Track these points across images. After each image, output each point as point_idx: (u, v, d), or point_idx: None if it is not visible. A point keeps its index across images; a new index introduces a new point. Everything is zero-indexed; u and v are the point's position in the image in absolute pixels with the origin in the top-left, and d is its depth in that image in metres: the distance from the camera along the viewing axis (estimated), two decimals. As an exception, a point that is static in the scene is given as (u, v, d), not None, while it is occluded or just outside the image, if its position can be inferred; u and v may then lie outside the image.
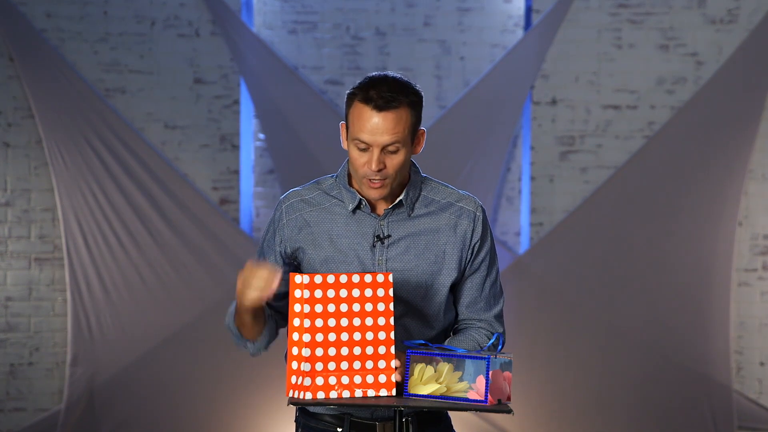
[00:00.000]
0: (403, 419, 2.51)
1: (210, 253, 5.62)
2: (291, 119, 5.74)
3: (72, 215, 5.57)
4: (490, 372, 2.33)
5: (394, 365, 2.39)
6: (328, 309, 2.35)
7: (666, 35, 5.82)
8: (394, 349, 2.39)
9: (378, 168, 2.45)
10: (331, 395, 2.36)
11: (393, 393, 2.39)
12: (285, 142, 5.76)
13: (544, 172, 5.84)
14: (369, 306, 2.37)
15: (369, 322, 2.37)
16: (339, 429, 2.56)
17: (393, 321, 2.39)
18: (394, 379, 2.40)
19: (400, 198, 2.55)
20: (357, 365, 2.37)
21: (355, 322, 2.36)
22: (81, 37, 5.65)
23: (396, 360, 2.40)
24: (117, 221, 5.58)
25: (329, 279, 2.35)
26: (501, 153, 5.83)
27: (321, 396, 2.35)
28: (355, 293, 2.36)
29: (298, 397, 2.35)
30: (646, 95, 5.82)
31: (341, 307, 2.36)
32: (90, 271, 5.57)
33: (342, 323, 2.36)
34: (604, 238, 5.76)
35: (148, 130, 5.69)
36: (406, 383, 2.41)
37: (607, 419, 5.71)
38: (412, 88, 2.49)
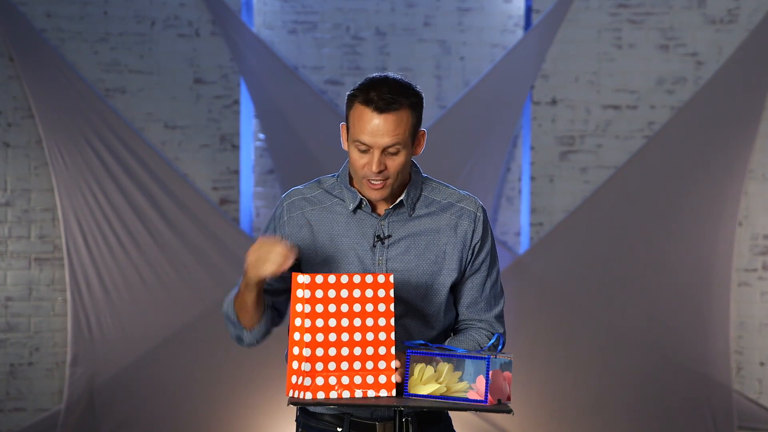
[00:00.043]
0: (403, 419, 2.51)
1: (210, 253, 5.62)
2: (291, 119, 5.74)
3: (72, 215, 5.57)
4: (490, 372, 2.33)
5: (394, 366, 2.39)
6: (328, 309, 2.35)
7: (666, 35, 5.82)
8: (394, 350, 2.39)
9: (378, 170, 2.46)
10: (331, 395, 2.36)
11: (393, 393, 2.39)
12: (285, 142, 5.76)
13: (544, 172, 5.84)
14: (369, 306, 2.37)
15: (369, 322, 2.37)
16: (339, 429, 2.56)
17: (393, 321, 2.39)
18: (394, 380, 2.40)
19: (400, 198, 2.55)
20: (357, 365, 2.37)
21: (356, 322, 2.36)
22: (81, 37, 5.65)
23: (396, 360, 2.40)
24: (117, 221, 5.58)
25: (330, 279, 2.35)
26: (501, 153, 5.83)
27: (321, 396, 2.35)
28: (356, 293, 2.36)
29: (298, 397, 2.35)
30: (646, 95, 5.82)
31: (342, 308, 2.36)
32: (90, 271, 5.57)
33: (342, 323, 2.36)
34: (604, 238, 5.76)
35: (148, 130, 5.69)
36: (406, 383, 2.41)
37: (607, 419, 5.71)
38: (412, 89, 2.49)
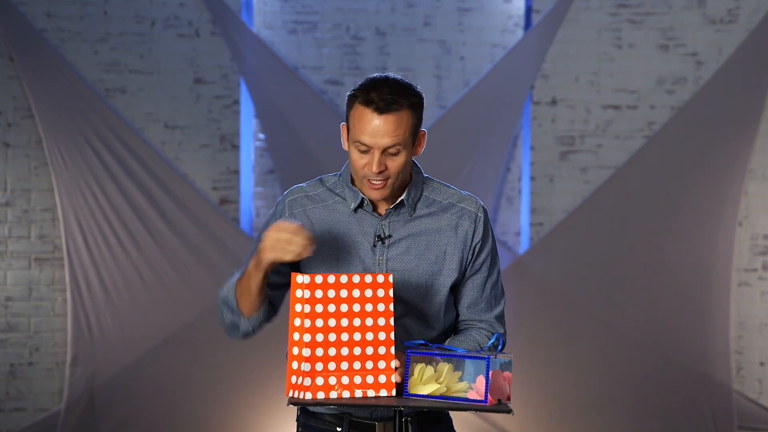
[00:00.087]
0: (403, 419, 2.51)
1: (210, 253, 5.62)
2: (291, 119, 5.74)
3: (72, 215, 5.57)
4: (490, 372, 2.33)
5: (394, 365, 2.39)
6: (328, 309, 2.35)
7: (666, 35, 5.82)
8: (394, 350, 2.39)
9: (379, 170, 2.46)
10: (331, 395, 2.36)
11: (393, 393, 2.39)
12: (285, 142, 5.76)
13: (544, 172, 5.84)
14: (369, 306, 2.37)
15: (369, 322, 2.37)
16: (338, 429, 2.56)
17: (393, 321, 2.39)
18: (394, 380, 2.40)
19: (401, 198, 2.55)
20: (357, 365, 2.37)
21: (355, 322, 2.36)
22: (81, 37, 5.65)
23: (396, 360, 2.40)
24: (117, 221, 5.58)
25: (330, 279, 2.35)
26: (501, 153, 5.83)
27: (321, 396, 2.35)
28: (356, 293, 2.36)
29: (298, 397, 2.35)
30: (646, 95, 5.82)
31: (341, 308, 2.36)
32: (90, 271, 5.57)
33: (342, 323, 2.36)
34: (604, 238, 5.76)
35: (148, 130, 5.69)
36: (406, 383, 2.41)
37: (607, 419, 5.71)
38: (413, 89, 2.48)
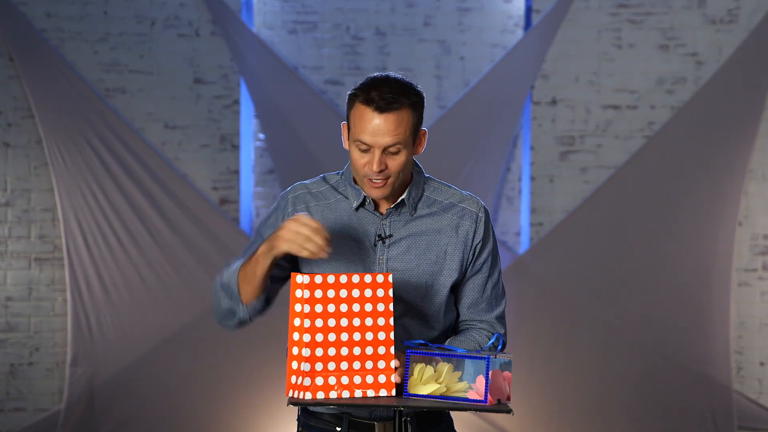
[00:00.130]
0: (403, 419, 2.51)
1: (210, 253, 5.62)
2: (291, 119, 5.74)
3: (72, 215, 5.57)
4: (489, 372, 2.33)
5: (393, 365, 2.39)
6: (328, 309, 2.35)
7: (666, 35, 5.82)
8: (393, 350, 2.39)
9: (379, 169, 2.45)
10: (331, 395, 2.36)
11: (393, 393, 2.39)
12: (285, 142, 5.76)
13: (544, 172, 5.84)
14: (369, 306, 2.37)
15: (369, 322, 2.37)
16: (338, 429, 2.56)
17: (393, 321, 2.39)
18: (393, 380, 2.40)
19: (402, 197, 2.55)
20: (357, 365, 2.37)
21: (355, 322, 2.36)
22: (81, 37, 5.65)
23: (396, 360, 2.40)
24: (117, 221, 5.58)
25: (329, 279, 2.35)
26: (501, 153, 5.83)
27: (321, 396, 2.35)
28: (355, 293, 2.36)
29: (297, 397, 2.35)
30: (646, 95, 5.82)
31: (341, 308, 2.36)
32: (90, 271, 5.56)
33: (342, 323, 2.35)
34: (604, 238, 5.76)
35: (148, 130, 5.69)
36: (405, 383, 2.41)
37: (607, 419, 5.71)
38: (413, 89, 2.48)
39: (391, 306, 2.38)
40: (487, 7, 5.88)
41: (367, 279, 2.37)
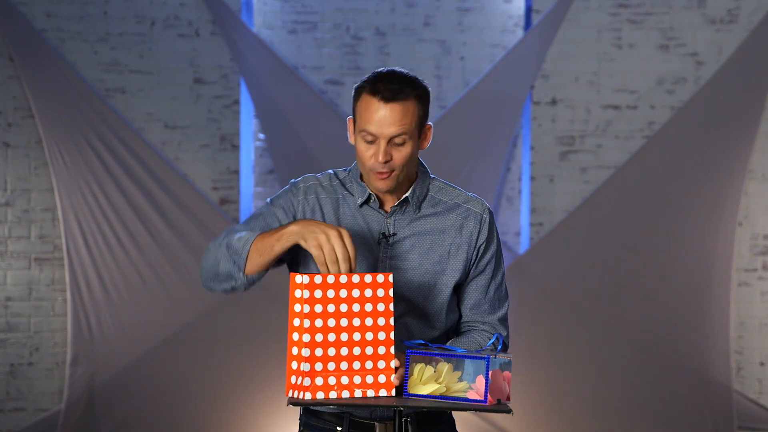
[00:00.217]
0: (403, 419, 2.51)
1: (210, 253, 5.62)
2: (291, 119, 5.74)
3: (72, 215, 5.57)
4: (489, 372, 2.33)
5: (393, 365, 2.39)
6: (327, 309, 2.34)
7: (666, 35, 5.82)
8: (393, 350, 2.39)
9: (384, 159, 2.45)
10: (331, 395, 2.35)
11: (393, 393, 2.39)
12: (285, 142, 5.75)
13: (544, 172, 5.84)
14: (369, 306, 2.37)
15: (369, 322, 2.37)
16: (339, 428, 2.56)
17: (393, 321, 2.38)
18: (393, 381, 2.40)
19: (406, 195, 2.55)
20: (357, 365, 2.36)
21: (355, 322, 2.36)
22: (81, 37, 5.65)
23: (396, 360, 2.39)
24: (117, 221, 5.58)
25: (329, 279, 2.34)
26: (501, 153, 5.82)
27: (320, 396, 2.35)
28: (355, 293, 2.36)
29: (297, 397, 2.35)
30: (646, 95, 5.82)
31: (341, 307, 2.35)
32: (90, 271, 5.56)
33: (342, 323, 2.35)
34: (604, 238, 5.75)
35: (148, 130, 5.69)
36: (405, 383, 2.41)
37: (607, 419, 5.71)
38: (419, 82, 2.50)
39: (392, 306, 2.38)
40: (487, 7, 5.88)
41: (367, 279, 2.37)
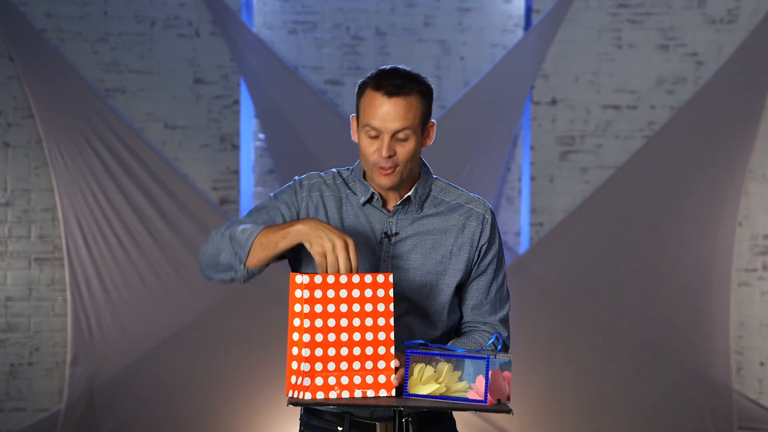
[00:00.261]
0: (403, 419, 2.51)
1: (210, 253, 5.61)
2: (291, 119, 5.74)
3: (72, 215, 5.57)
4: (489, 372, 2.33)
5: (393, 365, 2.39)
6: (327, 309, 2.34)
7: (666, 35, 5.82)
8: (393, 350, 2.39)
9: (388, 154, 2.46)
10: (331, 395, 2.35)
11: (393, 393, 2.39)
12: (285, 142, 5.75)
13: (544, 172, 5.84)
14: (369, 306, 2.37)
15: (369, 322, 2.37)
16: (339, 428, 2.56)
17: (393, 321, 2.38)
18: (393, 381, 2.40)
19: (408, 194, 2.55)
20: (357, 365, 2.36)
21: (355, 322, 2.36)
22: (81, 37, 5.65)
23: (396, 360, 2.39)
24: (117, 221, 5.58)
25: (329, 279, 2.35)
26: (501, 153, 5.82)
27: (320, 396, 2.35)
28: (355, 293, 2.36)
29: (297, 398, 2.35)
30: (646, 95, 5.82)
31: (341, 308, 2.35)
32: (90, 271, 5.56)
33: (342, 323, 2.35)
34: (604, 238, 5.75)
35: (148, 130, 5.69)
36: (405, 383, 2.41)
37: (607, 419, 5.71)
38: (422, 78, 2.51)
39: (392, 306, 2.38)
40: (487, 7, 5.88)
41: (368, 279, 2.37)
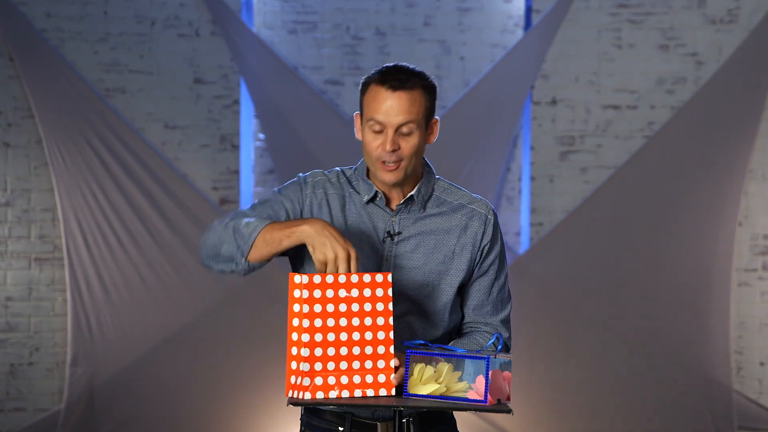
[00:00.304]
0: (404, 419, 2.51)
1: (210, 253, 5.61)
2: (291, 119, 5.74)
3: (72, 215, 5.57)
4: (489, 372, 2.33)
5: (393, 364, 2.39)
6: (327, 309, 2.34)
7: (666, 35, 5.82)
8: (393, 349, 2.39)
9: (392, 148, 2.46)
10: (331, 395, 2.35)
11: (392, 392, 2.39)
12: (285, 142, 5.76)
13: (544, 172, 5.84)
14: (368, 306, 2.37)
15: (368, 321, 2.37)
16: (341, 428, 2.56)
17: (392, 320, 2.39)
18: (392, 380, 2.40)
19: (411, 193, 2.55)
20: (356, 365, 2.36)
21: (354, 322, 2.36)
22: (81, 37, 5.65)
23: (395, 359, 2.39)
24: (117, 221, 5.58)
25: (328, 279, 2.35)
26: (501, 153, 5.82)
27: (320, 396, 2.35)
28: (354, 293, 2.36)
29: (297, 398, 2.35)
30: (646, 95, 5.82)
31: (340, 307, 2.35)
32: (90, 271, 5.56)
33: (341, 323, 2.35)
34: (604, 238, 5.75)
35: (148, 130, 5.69)
36: (405, 383, 2.41)
37: (607, 419, 5.71)
38: (426, 75, 2.53)
39: (391, 305, 2.38)
40: (487, 7, 5.88)
41: (366, 279, 2.37)
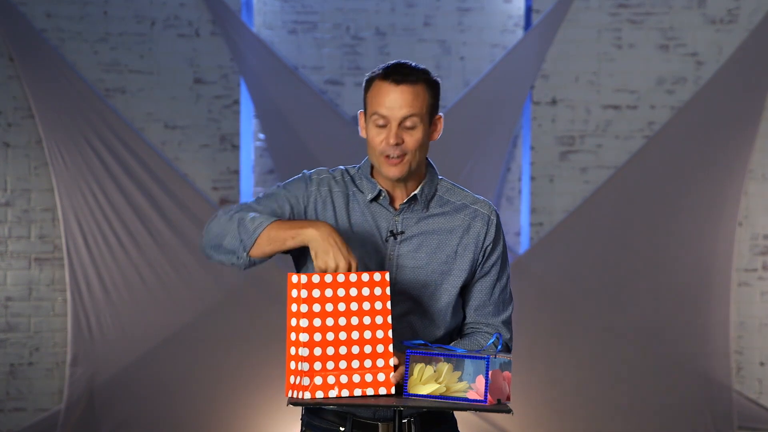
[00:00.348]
0: (404, 420, 2.51)
1: (210, 253, 5.61)
2: (291, 119, 5.74)
3: (72, 215, 5.57)
4: (489, 372, 2.33)
5: (392, 363, 2.39)
6: (326, 309, 2.35)
7: (666, 35, 5.82)
8: (392, 348, 2.39)
9: (396, 142, 2.47)
10: (330, 395, 2.35)
11: (392, 392, 2.39)
12: (285, 142, 5.76)
13: (544, 172, 5.84)
14: (367, 305, 2.37)
15: (367, 320, 2.37)
16: (342, 428, 2.56)
17: (390, 319, 2.39)
18: (391, 378, 2.40)
19: (414, 193, 2.55)
20: (356, 364, 2.37)
21: (353, 321, 2.36)
22: (81, 37, 5.65)
23: (394, 358, 2.39)
24: (117, 221, 5.58)
25: (327, 278, 2.35)
26: (501, 153, 5.82)
27: (320, 396, 2.35)
28: (353, 292, 2.36)
29: (297, 397, 2.35)
30: (646, 95, 5.82)
31: (339, 307, 2.35)
32: (90, 271, 5.56)
33: (340, 323, 2.35)
34: (604, 238, 5.75)
35: (148, 130, 5.69)
36: (405, 383, 2.41)
37: (607, 419, 5.70)
38: (429, 71, 2.57)
39: (389, 304, 2.38)
40: (487, 7, 5.88)
41: (365, 278, 2.37)
